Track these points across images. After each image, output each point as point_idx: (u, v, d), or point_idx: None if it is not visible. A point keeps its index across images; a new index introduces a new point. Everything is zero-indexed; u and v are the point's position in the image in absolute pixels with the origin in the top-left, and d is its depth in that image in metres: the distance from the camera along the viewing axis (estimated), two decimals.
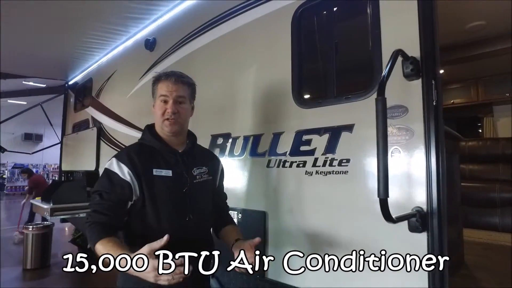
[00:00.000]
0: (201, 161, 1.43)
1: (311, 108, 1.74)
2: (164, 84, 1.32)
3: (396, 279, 1.35)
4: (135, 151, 1.31)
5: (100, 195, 1.23)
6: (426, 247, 1.30)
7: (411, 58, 1.31)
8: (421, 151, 1.34)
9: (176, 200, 1.30)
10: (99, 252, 1.15)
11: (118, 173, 1.24)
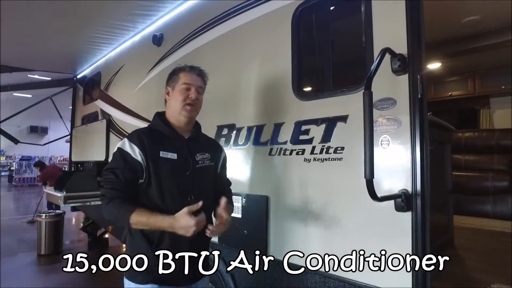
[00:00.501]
0: (205, 148, 1.54)
1: (309, 100, 1.89)
2: (188, 74, 1.47)
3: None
4: (145, 134, 1.40)
5: (114, 173, 1.32)
6: (410, 225, 1.46)
7: (399, 55, 1.44)
8: (407, 139, 1.48)
9: (179, 181, 1.39)
10: (135, 221, 1.27)
11: (130, 153, 1.33)
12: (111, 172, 1.33)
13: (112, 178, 1.32)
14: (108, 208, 1.30)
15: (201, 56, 2.61)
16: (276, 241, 2.02)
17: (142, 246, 1.35)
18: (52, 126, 24.83)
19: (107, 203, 1.31)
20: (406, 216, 1.46)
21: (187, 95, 1.43)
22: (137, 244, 1.37)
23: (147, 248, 1.34)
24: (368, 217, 1.60)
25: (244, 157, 2.23)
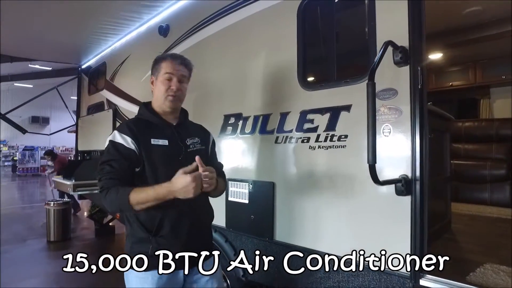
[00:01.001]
0: (193, 132, 1.55)
1: (314, 90, 1.97)
2: (170, 63, 1.44)
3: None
4: (134, 123, 1.42)
5: (109, 165, 1.31)
6: (410, 208, 1.55)
7: (400, 48, 1.52)
8: (407, 127, 1.57)
9: (172, 166, 1.34)
10: (135, 200, 1.23)
11: (123, 143, 1.34)
12: (106, 165, 1.32)
13: (108, 169, 1.31)
14: (108, 197, 1.27)
15: (208, 47, 2.67)
16: (282, 225, 2.12)
17: (142, 234, 1.36)
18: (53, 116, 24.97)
19: (105, 194, 1.28)
20: (405, 200, 1.56)
21: (169, 86, 1.42)
22: (136, 234, 1.38)
23: (148, 236, 1.35)
24: (370, 201, 1.70)
25: (250, 145, 2.31)
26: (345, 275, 1.77)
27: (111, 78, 4.33)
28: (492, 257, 1.85)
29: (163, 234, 1.36)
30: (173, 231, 1.37)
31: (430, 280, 1.51)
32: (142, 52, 3.68)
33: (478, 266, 1.69)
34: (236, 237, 2.40)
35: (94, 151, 4.68)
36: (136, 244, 1.38)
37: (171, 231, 1.37)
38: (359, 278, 1.72)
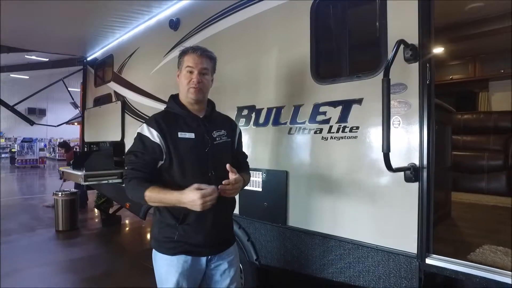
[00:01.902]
0: (220, 125, 1.60)
1: (327, 84, 2.08)
2: (191, 56, 1.49)
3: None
4: (161, 117, 1.48)
5: (135, 155, 1.42)
6: (417, 193, 1.69)
7: (411, 45, 1.63)
8: (416, 120, 1.69)
9: (199, 158, 1.45)
10: (149, 198, 1.35)
11: (149, 137, 1.41)
12: (132, 155, 1.43)
13: (133, 159, 1.42)
14: (128, 187, 1.41)
15: (221, 41, 2.76)
16: (295, 211, 2.25)
17: (170, 221, 1.46)
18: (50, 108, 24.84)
19: (127, 183, 1.41)
20: (413, 186, 1.69)
21: (190, 79, 1.47)
22: (165, 220, 1.47)
23: (175, 223, 1.45)
24: (380, 188, 1.83)
25: (264, 136, 2.43)
26: (356, 256, 1.91)
27: (118, 70, 4.40)
28: (490, 239, 2.01)
29: (189, 223, 1.46)
30: (198, 220, 1.46)
31: (435, 259, 1.65)
32: (152, 45, 3.75)
33: (477, 247, 1.84)
34: (250, 224, 2.53)
35: (103, 142, 4.77)
36: (163, 230, 1.49)
37: (196, 220, 1.46)
38: (369, 259, 1.86)
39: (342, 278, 1.99)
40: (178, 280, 1.46)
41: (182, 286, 1.47)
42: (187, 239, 1.46)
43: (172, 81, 3.34)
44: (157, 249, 1.52)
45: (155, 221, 1.54)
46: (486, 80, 4.52)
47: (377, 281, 1.83)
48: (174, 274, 1.46)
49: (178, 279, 1.46)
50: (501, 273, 1.50)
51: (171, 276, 1.46)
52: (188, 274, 1.48)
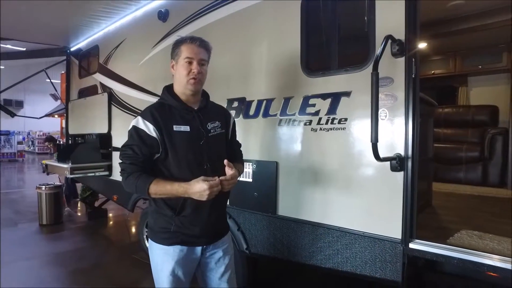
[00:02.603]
0: (214, 116, 1.60)
1: (317, 77, 2.14)
2: (190, 47, 1.47)
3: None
4: (157, 109, 1.47)
5: (132, 149, 1.41)
6: (402, 182, 1.78)
7: (398, 41, 1.70)
8: (401, 112, 1.77)
9: (194, 151, 1.46)
10: (153, 191, 1.37)
11: (145, 130, 1.41)
12: (129, 148, 1.42)
13: (130, 154, 1.41)
14: (128, 181, 1.40)
15: (211, 34, 2.75)
16: (285, 201, 2.32)
17: (167, 212, 1.48)
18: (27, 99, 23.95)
19: (126, 177, 1.41)
20: (399, 175, 1.78)
21: (190, 70, 1.46)
22: (161, 211, 1.49)
23: (171, 214, 1.47)
24: (367, 177, 1.91)
25: (254, 127, 2.47)
26: (344, 243, 2.00)
27: (104, 61, 4.32)
28: (467, 225, 2.14)
29: (185, 214, 1.48)
30: (194, 212, 1.49)
31: (417, 243, 1.76)
32: (140, 37, 3.70)
33: (455, 232, 1.96)
34: (240, 214, 2.58)
35: (89, 134, 4.69)
36: (159, 220, 1.51)
37: (192, 212, 1.48)
38: (356, 245, 1.95)
39: (330, 264, 2.07)
40: (174, 268, 1.49)
41: (178, 274, 1.50)
42: (183, 230, 1.49)
43: (161, 73, 3.37)
44: (153, 239, 1.54)
45: (151, 211, 1.56)
46: (466, 75, 4.70)
47: (363, 266, 1.92)
48: (170, 262, 1.49)
49: (173, 267, 1.49)
50: (476, 254, 1.63)
51: (167, 264, 1.49)
52: (183, 262, 1.51)
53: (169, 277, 1.48)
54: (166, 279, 1.49)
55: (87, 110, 4.71)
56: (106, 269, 3.53)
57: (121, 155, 1.46)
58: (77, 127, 5.05)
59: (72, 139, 5.29)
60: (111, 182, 4.15)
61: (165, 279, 1.49)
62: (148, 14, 3.54)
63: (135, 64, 3.70)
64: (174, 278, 1.49)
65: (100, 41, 4.53)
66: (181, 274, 1.51)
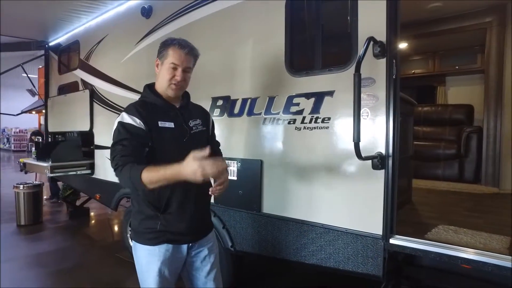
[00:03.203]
0: (195, 114, 1.62)
1: (301, 77, 2.17)
2: (177, 53, 1.45)
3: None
4: (140, 106, 1.46)
5: (121, 144, 1.37)
6: (383, 180, 1.84)
7: (379, 42, 1.75)
8: (383, 112, 1.83)
9: (179, 147, 1.45)
10: (147, 179, 1.27)
11: (132, 123, 1.39)
12: (118, 144, 1.38)
13: (120, 148, 1.37)
14: (122, 174, 1.33)
15: (196, 31, 2.75)
16: (269, 198, 2.35)
17: (151, 212, 1.46)
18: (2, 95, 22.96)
19: (120, 170, 1.34)
20: (380, 173, 1.84)
21: (173, 75, 1.46)
22: (145, 211, 1.48)
23: (156, 214, 1.46)
24: (349, 175, 1.96)
25: (239, 126, 2.49)
26: (327, 240, 2.04)
27: (86, 57, 4.22)
28: (444, 220, 2.24)
29: (171, 212, 1.47)
30: (179, 209, 1.48)
31: (397, 239, 1.82)
32: (123, 33, 3.64)
33: (433, 227, 2.05)
34: (224, 212, 2.60)
35: (70, 132, 4.58)
36: (144, 221, 1.49)
37: (178, 209, 1.48)
38: (339, 241, 2.00)
39: (314, 260, 2.12)
40: (160, 268, 1.47)
41: (164, 274, 1.49)
42: (169, 228, 1.48)
43: (144, 70, 3.32)
44: (138, 240, 1.52)
45: (134, 212, 1.54)
46: (444, 75, 4.86)
47: (346, 262, 1.98)
48: (156, 263, 1.47)
49: (160, 268, 1.47)
50: (451, 248, 1.70)
51: (153, 265, 1.47)
52: (169, 262, 1.50)
53: (155, 277, 1.47)
54: (152, 280, 1.47)
55: (68, 107, 4.59)
56: (89, 269, 3.47)
57: (111, 154, 1.40)
58: (57, 125, 4.92)
59: (52, 136, 5.15)
60: (93, 181, 4.08)
61: (152, 279, 1.48)
62: (131, 10, 3.47)
63: (118, 61, 3.64)
64: (161, 278, 1.48)
65: (80, 36, 4.42)
66: (167, 273, 1.50)
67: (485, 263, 1.59)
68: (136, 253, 1.54)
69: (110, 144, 1.44)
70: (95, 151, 4.00)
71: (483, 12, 3.65)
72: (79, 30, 4.44)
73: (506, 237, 1.88)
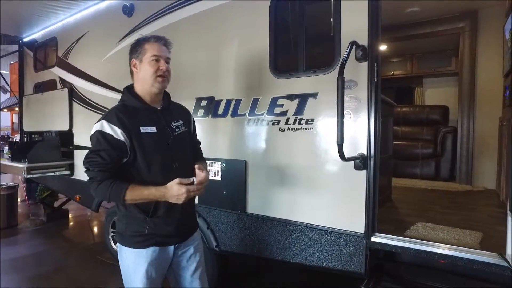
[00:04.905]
0: (177, 115, 1.60)
1: (285, 78, 2.20)
2: (155, 45, 1.47)
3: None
4: (121, 112, 1.43)
5: (99, 155, 1.36)
6: (365, 180, 1.89)
7: (361, 46, 1.80)
8: (364, 114, 1.88)
9: (162, 151, 1.46)
10: (129, 197, 1.34)
11: (112, 134, 1.36)
12: (96, 155, 1.37)
13: (99, 160, 1.36)
14: (99, 190, 1.36)
15: (180, 31, 2.73)
16: (254, 199, 2.37)
17: (139, 216, 1.46)
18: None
19: (97, 186, 1.36)
20: (361, 174, 1.89)
21: (158, 67, 1.45)
22: (132, 215, 1.47)
23: (144, 217, 1.45)
24: (332, 176, 2.01)
25: (223, 126, 2.49)
26: (311, 239, 2.09)
27: (64, 55, 4.10)
28: (422, 217, 2.33)
29: (159, 215, 1.47)
30: (168, 212, 1.49)
31: (379, 237, 1.89)
32: (103, 31, 3.55)
33: (412, 225, 2.13)
34: (209, 212, 2.60)
35: (47, 132, 4.43)
36: (132, 225, 1.48)
37: (166, 212, 1.48)
38: (322, 240, 2.05)
39: (298, 259, 2.16)
40: (147, 269, 1.47)
41: (152, 275, 1.49)
42: (157, 231, 1.48)
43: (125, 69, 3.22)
44: (124, 243, 1.51)
45: (120, 216, 1.52)
46: (421, 77, 5.03)
47: (329, 260, 2.03)
48: (143, 264, 1.47)
49: (147, 269, 1.47)
50: (429, 245, 1.79)
51: (140, 266, 1.47)
52: (156, 263, 1.50)
53: (142, 279, 1.47)
54: (139, 281, 1.47)
55: (45, 106, 4.44)
56: (69, 272, 3.38)
57: (87, 162, 1.39)
58: (34, 124, 4.75)
59: (28, 136, 4.97)
60: (73, 182, 3.97)
61: (139, 281, 1.47)
62: (112, 7, 3.40)
63: (99, 59, 3.55)
64: (148, 280, 1.48)
65: (58, 33, 4.28)
66: (154, 275, 1.50)
67: (459, 257, 1.67)
68: (122, 256, 1.53)
69: (91, 144, 1.43)
70: (75, 151, 3.89)
71: (456, 17, 3.81)
72: (56, 27, 4.29)
73: (478, 233, 1.98)
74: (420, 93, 5.09)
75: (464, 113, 3.83)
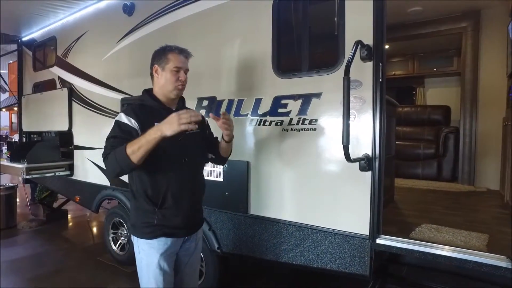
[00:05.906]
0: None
1: (288, 78, 2.17)
2: (178, 57, 1.60)
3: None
4: (138, 108, 1.58)
5: (114, 137, 1.47)
6: (370, 182, 1.87)
7: (366, 46, 1.77)
8: (369, 114, 1.86)
9: (173, 146, 1.53)
10: (133, 149, 1.34)
11: (127, 123, 1.49)
12: (111, 138, 1.48)
13: (111, 141, 1.47)
14: (109, 160, 1.40)
15: (181, 31, 2.70)
16: (256, 200, 2.34)
17: (148, 207, 1.54)
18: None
19: (107, 158, 1.42)
20: (366, 175, 1.87)
21: (178, 77, 1.59)
22: (142, 206, 1.56)
23: (153, 209, 1.54)
24: (337, 177, 1.99)
25: None
26: (314, 240, 2.06)
27: (63, 54, 4.06)
28: (426, 219, 2.31)
29: (167, 207, 1.55)
30: (175, 204, 1.56)
31: (384, 239, 1.86)
32: (103, 30, 3.52)
33: (417, 226, 2.11)
34: (211, 213, 2.57)
35: (47, 132, 4.40)
36: (141, 216, 1.57)
37: (174, 204, 1.56)
38: (326, 242, 2.02)
39: (301, 261, 2.13)
40: (159, 260, 1.55)
41: (164, 267, 1.56)
42: (166, 222, 1.55)
43: (126, 69, 3.24)
44: (136, 234, 1.59)
45: (132, 209, 1.64)
46: (423, 77, 5.01)
47: (333, 262, 2.00)
48: (155, 255, 1.54)
49: (159, 260, 1.55)
50: (435, 247, 1.76)
51: (152, 257, 1.55)
52: (167, 255, 1.58)
53: (155, 270, 1.54)
54: (152, 273, 1.55)
55: (44, 105, 4.40)
56: (68, 274, 3.34)
57: (104, 147, 1.48)
58: (33, 124, 4.71)
59: (27, 136, 4.94)
60: (73, 182, 3.94)
61: (151, 273, 1.55)
62: (113, 6, 3.37)
63: (98, 59, 3.52)
64: (161, 270, 1.55)
65: (58, 32, 4.24)
66: (166, 266, 1.57)
67: (466, 260, 1.65)
68: (137, 247, 1.61)
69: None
70: (75, 151, 3.85)
71: (459, 17, 3.78)
72: (55, 26, 4.26)
73: (484, 234, 1.96)
74: (422, 93, 5.08)
75: (466, 113, 3.81)
